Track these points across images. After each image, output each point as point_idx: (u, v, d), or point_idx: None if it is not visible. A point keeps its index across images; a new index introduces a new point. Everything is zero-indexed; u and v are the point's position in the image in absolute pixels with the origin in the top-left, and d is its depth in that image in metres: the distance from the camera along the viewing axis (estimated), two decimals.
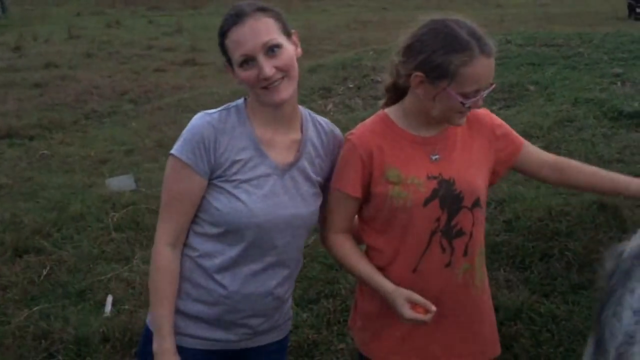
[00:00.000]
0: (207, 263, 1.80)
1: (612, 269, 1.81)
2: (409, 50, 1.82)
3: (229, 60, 1.79)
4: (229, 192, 1.76)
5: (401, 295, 1.82)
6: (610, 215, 4.00)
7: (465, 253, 1.90)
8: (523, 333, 3.29)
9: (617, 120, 5.37)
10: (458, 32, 1.77)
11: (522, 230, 4.11)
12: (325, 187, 1.93)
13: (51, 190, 5.58)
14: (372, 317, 1.96)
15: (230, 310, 1.83)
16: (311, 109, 1.88)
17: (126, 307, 3.79)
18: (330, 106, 7.37)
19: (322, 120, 1.97)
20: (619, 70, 6.60)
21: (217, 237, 1.79)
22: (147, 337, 1.83)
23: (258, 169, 1.79)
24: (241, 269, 1.80)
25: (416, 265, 1.88)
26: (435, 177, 1.86)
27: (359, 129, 1.93)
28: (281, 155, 1.83)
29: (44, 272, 4.17)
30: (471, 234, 1.89)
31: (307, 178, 1.86)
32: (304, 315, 3.62)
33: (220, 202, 1.76)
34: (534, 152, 2.03)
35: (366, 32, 15.90)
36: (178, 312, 1.82)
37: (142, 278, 4.08)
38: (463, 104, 1.78)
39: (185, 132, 1.79)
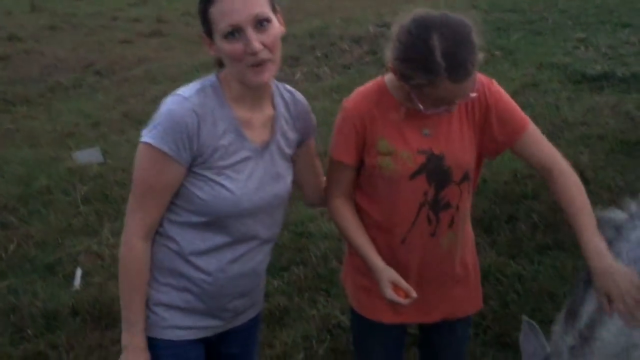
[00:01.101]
0: (188, 252, 1.73)
1: (609, 239, 1.84)
2: (391, 43, 1.77)
3: (208, 31, 1.65)
4: (212, 180, 1.67)
5: (387, 277, 1.87)
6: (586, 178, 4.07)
7: (450, 224, 1.94)
8: (490, 294, 3.36)
9: (580, 83, 5.43)
10: (432, 50, 1.67)
11: (489, 194, 4.17)
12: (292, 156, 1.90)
13: (16, 165, 5.47)
14: (363, 273, 2.00)
15: (215, 295, 1.78)
16: (279, 78, 1.83)
17: (96, 279, 3.78)
18: (298, 75, 7.33)
19: (286, 89, 1.88)
20: (582, 34, 6.66)
21: (199, 226, 1.71)
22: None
23: (239, 153, 1.71)
24: (225, 254, 1.75)
25: (405, 236, 1.93)
26: (425, 152, 1.87)
27: (354, 96, 1.93)
28: (258, 133, 1.76)
29: (11, 247, 4.12)
30: (457, 207, 1.93)
31: (282, 154, 1.82)
32: (275, 283, 3.65)
33: (203, 192, 1.67)
34: (534, 145, 1.91)
35: (334, 1, 15.75)
36: (163, 305, 1.76)
37: (112, 250, 4.06)
38: (422, 109, 1.78)
39: (163, 119, 1.64)
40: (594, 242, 1.77)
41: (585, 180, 2.30)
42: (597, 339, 1.81)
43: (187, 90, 1.68)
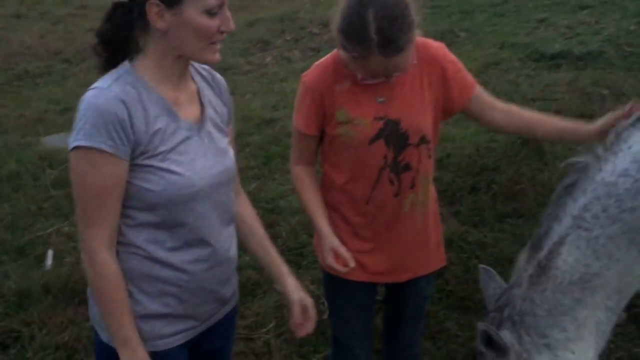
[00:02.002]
0: (157, 254, 1.64)
1: (571, 181, 1.99)
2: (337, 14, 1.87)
3: (171, 1, 1.55)
4: (158, 168, 1.58)
5: (329, 244, 2.00)
6: (532, 149, 4.21)
7: (412, 186, 2.06)
8: (453, 261, 3.49)
9: (539, 61, 5.59)
10: (366, 22, 1.76)
11: (452, 167, 4.29)
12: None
13: None
14: (337, 235, 2.08)
15: (196, 291, 1.71)
16: (250, 62, 1.87)
17: (68, 259, 3.81)
18: (269, 58, 7.37)
19: (201, 66, 1.81)
20: (543, 15, 6.81)
21: (157, 225, 1.63)
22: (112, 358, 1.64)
23: (177, 134, 1.63)
24: (191, 244, 1.67)
25: (368, 197, 2.06)
26: (381, 118, 1.97)
27: (312, 70, 2.04)
28: (189, 111, 1.69)
29: None
30: (417, 169, 2.05)
31: (218, 128, 1.77)
32: (247, 257, 3.72)
33: (152, 183, 1.58)
34: (485, 95, 2.11)
35: None
36: (142, 317, 1.66)
37: None
38: (364, 79, 1.92)
39: (89, 116, 1.52)
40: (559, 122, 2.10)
41: (541, 152, 2.44)
42: (553, 268, 1.94)
43: (104, 82, 1.58)
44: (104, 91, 1.55)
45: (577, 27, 6.48)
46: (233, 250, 1.80)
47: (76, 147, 1.53)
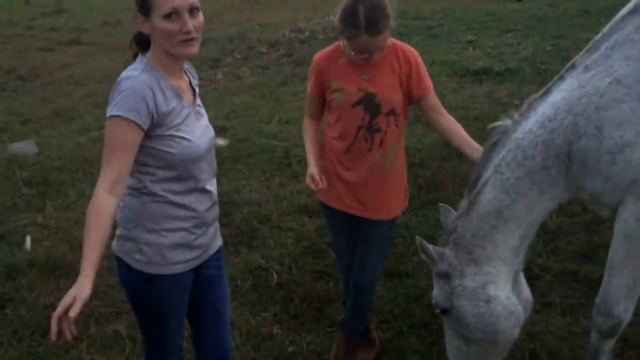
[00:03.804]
0: (174, 198, 2.18)
1: (495, 140, 2.69)
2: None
3: (146, 11, 2.07)
4: (174, 136, 2.12)
5: (309, 172, 2.76)
6: (452, 150, 4.92)
7: (380, 144, 2.81)
8: None
9: (464, 76, 6.41)
10: (358, 13, 2.55)
11: None
12: None
13: None
14: (326, 172, 2.86)
15: (200, 224, 2.27)
16: (202, 78, 2.43)
17: (45, 244, 4.27)
18: (219, 75, 7.94)
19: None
20: (472, 37, 7.68)
21: (172, 178, 2.16)
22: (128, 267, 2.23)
23: (183, 111, 2.17)
24: (196, 190, 2.23)
25: (348, 147, 2.83)
26: (363, 90, 2.75)
27: (320, 53, 2.87)
28: (187, 96, 2.24)
29: None
30: (386, 132, 2.79)
31: (202, 109, 2.35)
32: None
33: (171, 147, 2.12)
34: (437, 103, 2.88)
35: (253, 12, 16.33)
36: (168, 247, 2.21)
37: (57, 222, 4.57)
38: (353, 56, 2.70)
39: (123, 94, 2.03)
40: (478, 149, 2.79)
41: (460, 155, 3.06)
42: (477, 202, 2.64)
43: (135, 71, 2.10)
44: (137, 78, 2.08)
45: (501, 47, 7.36)
46: (216, 194, 2.39)
47: (112, 116, 2.04)
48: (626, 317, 2.69)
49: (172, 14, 2.05)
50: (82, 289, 1.86)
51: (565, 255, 3.90)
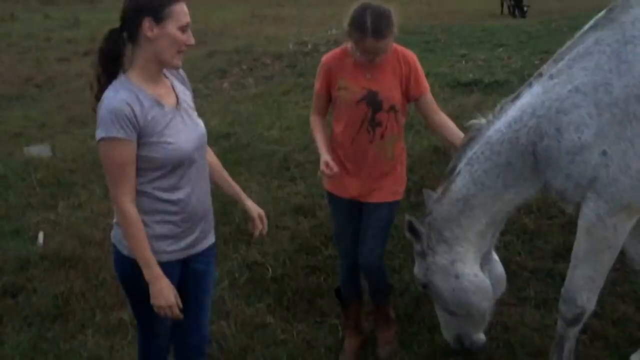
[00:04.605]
0: (162, 195, 2.36)
1: (471, 136, 3.00)
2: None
3: (158, 19, 2.26)
4: (158, 142, 2.31)
5: (323, 159, 3.01)
6: (441, 155, 5.18)
7: (381, 137, 3.10)
8: None
9: (455, 87, 6.68)
10: (365, 18, 2.86)
11: None
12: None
13: None
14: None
15: (188, 218, 2.43)
16: (209, 87, 2.68)
17: (56, 239, 4.55)
18: (225, 84, 8.26)
19: (167, 70, 2.48)
20: (465, 51, 7.97)
21: (160, 176, 2.35)
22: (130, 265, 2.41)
23: (165, 117, 2.34)
24: (185, 186, 2.39)
25: (352, 139, 3.12)
26: (366, 88, 3.05)
27: (328, 54, 3.19)
28: (169, 100, 2.40)
29: None
30: (386, 126, 3.09)
31: (189, 106, 2.51)
32: None
33: (157, 152, 2.31)
34: (433, 102, 3.18)
35: (262, 26, 16.68)
36: (153, 237, 2.36)
37: (68, 219, 4.87)
38: (359, 57, 3.01)
39: (105, 116, 2.22)
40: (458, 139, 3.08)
41: (449, 158, 3.32)
42: (449, 190, 2.97)
43: (112, 91, 2.28)
44: (114, 97, 2.26)
45: (492, 61, 7.64)
46: (207, 190, 2.57)
47: (101, 139, 2.26)
48: (589, 307, 2.90)
49: (185, 27, 2.32)
50: (168, 285, 2.37)
51: (542, 254, 4.14)
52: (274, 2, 24.71)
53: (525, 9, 17.60)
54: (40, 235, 4.60)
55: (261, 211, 2.74)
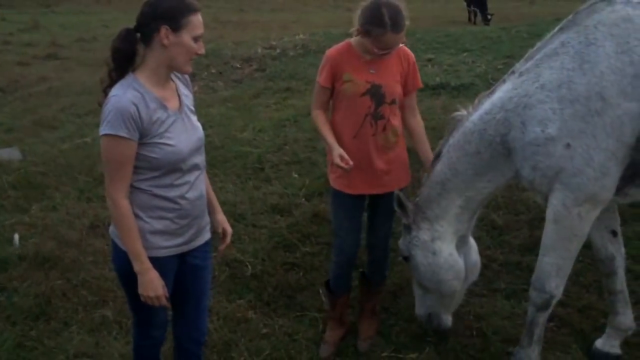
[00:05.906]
0: (159, 192, 2.44)
1: (452, 127, 3.22)
2: (358, 17, 3.02)
3: (175, 27, 2.34)
4: (158, 143, 2.38)
5: (337, 152, 3.09)
6: (413, 155, 5.34)
7: (384, 129, 3.21)
8: None
9: (423, 90, 6.87)
10: (383, 13, 2.93)
11: None
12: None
13: None
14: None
15: (184, 216, 2.50)
16: None
17: (32, 240, 4.54)
18: (195, 88, 8.26)
19: (174, 73, 2.55)
20: (431, 55, 8.21)
21: (158, 175, 2.42)
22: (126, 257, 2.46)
23: (168, 120, 2.41)
24: (182, 185, 2.47)
25: (356, 133, 3.19)
26: (370, 82, 3.15)
27: (332, 49, 3.24)
28: (173, 103, 2.47)
29: None
30: (388, 119, 3.19)
31: (190, 111, 2.58)
32: None
33: (156, 153, 2.38)
34: (415, 103, 3.34)
35: (225, 31, 16.70)
36: (150, 232, 2.45)
37: (43, 221, 4.86)
38: (376, 52, 3.07)
39: (112, 113, 2.30)
40: (427, 152, 3.33)
41: (419, 161, 3.48)
42: (432, 173, 3.22)
43: (120, 90, 2.35)
44: (122, 97, 2.34)
45: (457, 65, 7.89)
46: (203, 190, 2.62)
47: (105, 134, 2.34)
48: (557, 293, 3.07)
49: (199, 38, 2.41)
50: (157, 277, 2.45)
51: (510, 248, 4.34)
52: (236, 8, 24.76)
53: (489, 17, 18.08)
54: (16, 237, 4.58)
55: (228, 228, 2.81)
